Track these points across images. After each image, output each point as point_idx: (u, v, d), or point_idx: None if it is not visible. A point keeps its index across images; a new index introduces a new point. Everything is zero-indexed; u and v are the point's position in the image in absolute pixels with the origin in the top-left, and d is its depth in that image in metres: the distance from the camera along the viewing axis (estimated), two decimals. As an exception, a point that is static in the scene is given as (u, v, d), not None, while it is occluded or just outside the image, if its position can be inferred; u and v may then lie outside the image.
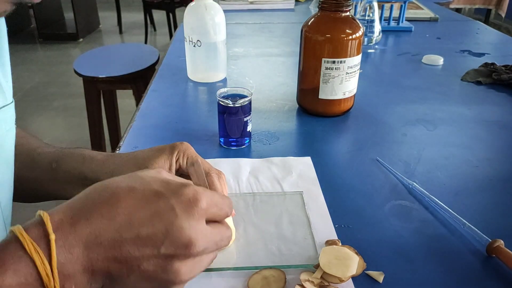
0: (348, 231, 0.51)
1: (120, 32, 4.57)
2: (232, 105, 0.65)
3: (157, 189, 0.33)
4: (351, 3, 0.73)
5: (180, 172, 0.49)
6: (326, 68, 0.74)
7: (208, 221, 0.35)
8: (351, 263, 0.44)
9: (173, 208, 0.32)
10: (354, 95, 0.80)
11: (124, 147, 0.69)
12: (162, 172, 0.37)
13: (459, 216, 0.52)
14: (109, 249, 0.31)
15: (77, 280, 0.31)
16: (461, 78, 0.99)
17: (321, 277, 0.43)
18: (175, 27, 3.92)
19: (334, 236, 0.50)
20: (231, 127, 0.67)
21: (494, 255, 0.47)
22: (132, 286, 0.33)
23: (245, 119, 0.67)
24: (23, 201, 0.57)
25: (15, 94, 0.66)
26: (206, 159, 0.64)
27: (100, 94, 1.87)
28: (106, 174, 0.48)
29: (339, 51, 0.72)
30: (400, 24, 1.38)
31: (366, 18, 1.17)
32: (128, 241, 0.31)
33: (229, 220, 0.47)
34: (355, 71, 0.76)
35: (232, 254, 0.47)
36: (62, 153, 0.52)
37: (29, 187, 0.54)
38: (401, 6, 1.38)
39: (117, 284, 0.32)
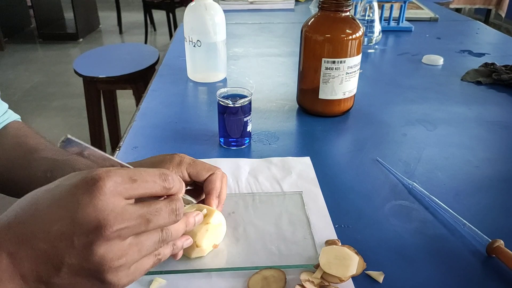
0: (348, 231, 0.51)
1: (120, 32, 4.57)
2: (232, 105, 0.65)
3: (62, 184, 0.33)
4: (351, 3, 0.73)
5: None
6: (326, 68, 0.74)
7: (138, 199, 0.34)
8: (351, 263, 0.44)
9: (74, 195, 0.31)
10: (354, 95, 0.80)
11: (124, 147, 0.69)
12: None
13: (459, 216, 0.52)
14: (28, 250, 0.31)
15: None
16: (461, 78, 0.99)
17: (321, 277, 0.43)
18: (175, 27, 3.92)
19: (334, 236, 0.50)
20: (231, 127, 0.67)
21: (494, 255, 0.47)
22: (71, 285, 0.32)
23: (245, 119, 0.67)
24: (11, 195, 0.57)
25: (15, 94, 0.65)
26: (206, 159, 0.65)
27: (100, 94, 1.87)
28: None
29: (339, 51, 0.72)
30: (400, 24, 1.38)
31: (366, 18, 1.17)
32: (42, 239, 0.31)
33: (218, 217, 0.47)
34: (355, 71, 0.76)
35: (232, 254, 0.47)
36: (56, 163, 0.51)
37: (26, 188, 0.54)
38: (401, 6, 1.38)
39: (56, 286, 0.32)
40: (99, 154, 0.36)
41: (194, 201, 0.48)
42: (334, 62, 0.73)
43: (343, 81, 0.75)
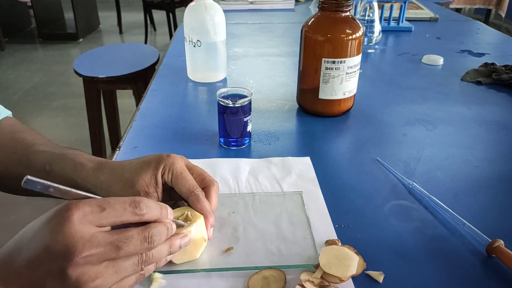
0: (348, 231, 0.51)
1: (120, 32, 4.57)
2: (232, 105, 0.65)
3: (43, 217, 0.35)
4: (351, 3, 0.73)
5: (167, 186, 0.48)
6: (326, 68, 0.74)
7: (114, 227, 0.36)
8: (351, 263, 0.44)
9: (46, 224, 0.34)
10: (354, 95, 0.80)
11: (124, 147, 0.69)
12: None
13: (459, 216, 0.52)
14: (16, 279, 0.34)
15: None
16: (461, 78, 0.99)
17: (321, 277, 0.43)
18: (175, 27, 3.92)
19: (334, 236, 0.50)
20: (231, 127, 0.67)
21: (494, 255, 0.47)
22: None
23: (245, 119, 0.67)
24: (20, 194, 0.58)
25: (15, 94, 0.66)
26: (206, 159, 0.65)
27: (100, 94, 1.87)
28: (95, 187, 0.48)
29: (339, 51, 0.72)
30: (400, 24, 1.38)
31: (366, 18, 1.17)
32: (25, 267, 0.34)
33: (199, 226, 0.45)
34: (355, 71, 0.76)
35: (232, 254, 0.47)
36: (55, 155, 0.51)
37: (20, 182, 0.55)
38: (401, 6, 1.38)
39: None
40: (64, 190, 0.37)
41: (186, 224, 0.44)
42: (334, 62, 0.73)
43: (343, 81, 0.75)
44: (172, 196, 0.50)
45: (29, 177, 0.35)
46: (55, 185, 0.36)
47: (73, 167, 0.49)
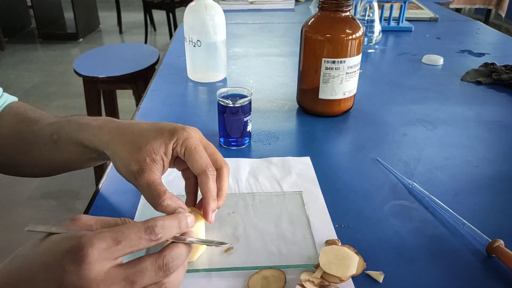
0: (348, 231, 0.51)
1: (120, 32, 4.57)
2: (232, 105, 0.65)
3: (52, 249, 0.34)
4: (351, 3, 0.73)
5: (176, 157, 0.46)
6: (326, 68, 0.74)
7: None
8: (351, 263, 0.44)
9: (61, 265, 0.32)
10: (354, 95, 0.80)
11: (124, 147, 0.69)
12: (73, 229, 0.36)
13: (459, 216, 0.52)
14: None
15: None
16: (461, 78, 0.99)
17: (321, 277, 0.43)
18: (175, 27, 3.92)
19: (333, 236, 0.50)
20: (231, 127, 0.67)
21: (494, 255, 0.47)
22: None
23: (245, 119, 0.67)
24: (23, 175, 0.59)
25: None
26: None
27: (100, 94, 1.87)
28: (101, 143, 0.46)
29: (339, 51, 0.72)
30: (400, 24, 1.38)
31: (366, 18, 1.17)
32: None
33: (199, 228, 0.44)
34: (355, 71, 0.76)
35: (232, 254, 0.47)
36: (60, 124, 0.52)
37: (31, 161, 0.56)
38: (401, 6, 1.38)
39: None
40: (65, 230, 0.36)
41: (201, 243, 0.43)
42: (334, 62, 0.73)
43: (343, 81, 0.75)
44: (177, 164, 0.48)
45: (29, 228, 0.35)
46: (56, 227, 0.36)
47: (78, 128, 0.49)
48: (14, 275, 0.34)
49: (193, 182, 0.48)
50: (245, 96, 0.66)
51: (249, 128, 0.69)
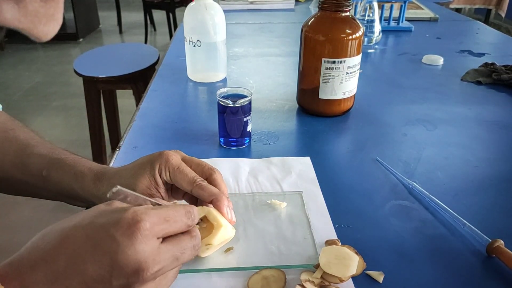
0: (348, 231, 0.51)
1: (120, 32, 4.57)
2: (232, 105, 0.65)
3: (96, 222, 0.32)
4: (351, 3, 0.73)
5: (169, 184, 0.47)
6: (326, 68, 0.74)
7: (166, 237, 0.35)
8: (351, 263, 0.44)
9: (114, 237, 0.31)
10: (354, 95, 0.80)
11: (124, 147, 0.69)
12: (113, 203, 0.36)
13: (459, 216, 0.52)
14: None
15: None
16: (461, 78, 0.99)
17: (321, 277, 0.43)
18: (175, 27, 3.92)
19: (334, 236, 0.50)
20: (231, 127, 0.67)
21: (494, 255, 0.47)
22: None
23: (245, 119, 0.67)
24: (17, 195, 0.56)
25: (15, 94, 0.66)
26: (206, 159, 0.65)
27: (100, 94, 1.87)
28: (96, 198, 0.47)
29: (339, 51, 0.72)
30: (400, 24, 1.38)
31: (366, 18, 1.17)
32: (76, 281, 0.30)
33: (221, 219, 0.45)
34: (355, 71, 0.76)
35: (232, 254, 0.47)
36: (53, 161, 0.49)
37: (20, 187, 0.52)
38: (401, 6, 1.38)
39: None
40: (136, 198, 0.37)
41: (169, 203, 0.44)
42: (334, 62, 0.73)
43: (343, 81, 0.75)
44: (174, 194, 0.49)
45: (118, 187, 0.35)
46: (134, 193, 0.36)
47: (73, 176, 0.48)
48: (49, 251, 0.32)
49: (195, 202, 0.49)
50: (245, 96, 0.66)
51: (249, 128, 0.69)
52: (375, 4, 1.16)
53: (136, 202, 0.37)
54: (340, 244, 0.48)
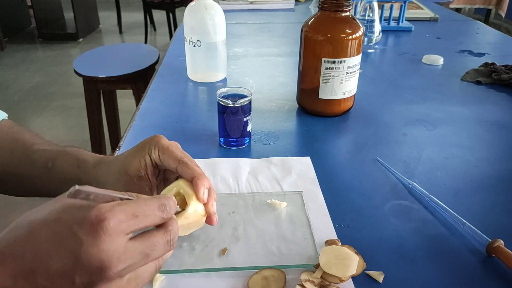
0: (348, 231, 0.51)
1: (120, 32, 4.57)
2: (232, 105, 0.65)
3: (62, 218, 0.32)
4: (351, 3, 0.73)
5: (161, 167, 0.48)
6: (326, 68, 0.74)
7: (139, 234, 0.34)
8: (351, 263, 0.44)
9: (77, 235, 0.31)
10: (354, 95, 0.80)
11: (124, 147, 0.69)
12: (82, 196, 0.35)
13: (459, 216, 0.52)
14: (26, 286, 0.30)
15: None
16: (461, 78, 0.99)
17: (321, 277, 0.43)
18: (175, 27, 3.92)
19: (334, 236, 0.50)
20: (231, 127, 0.67)
21: (494, 255, 0.47)
22: None
23: (245, 119, 0.67)
24: (21, 195, 0.57)
25: (15, 94, 0.66)
26: (206, 159, 0.65)
27: (100, 94, 1.87)
28: (97, 181, 0.48)
29: (339, 51, 0.72)
30: (400, 24, 1.38)
31: (366, 18, 1.17)
32: (40, 276, 0.31)
33: (196, 206, 0.44)
34: (355, 71, 0.76)
35: (232, 254, 0.47)
36: (57, 152, 0.52)
37: (26, 183, 0.54)
38: (401, 6, 1.38)
39: None
40: (102, 196, 0.36)
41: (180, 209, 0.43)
42: (334, 62, 0.73)
43: (343, 81, 0.75)
44: (165, 179, 0.51)
45: (77, 186, 0.33)
46: (103, 191, 0.35)
47: (76, 163, 0.50)
48: (18, 245, 0.32)
49: None
50: (245, 96, 0.66)
51: (249, 128, 0.69)
52: (375, 4, 1.16)
53: (103, 199, 0.35)
54: (340, 244, 0.48)
